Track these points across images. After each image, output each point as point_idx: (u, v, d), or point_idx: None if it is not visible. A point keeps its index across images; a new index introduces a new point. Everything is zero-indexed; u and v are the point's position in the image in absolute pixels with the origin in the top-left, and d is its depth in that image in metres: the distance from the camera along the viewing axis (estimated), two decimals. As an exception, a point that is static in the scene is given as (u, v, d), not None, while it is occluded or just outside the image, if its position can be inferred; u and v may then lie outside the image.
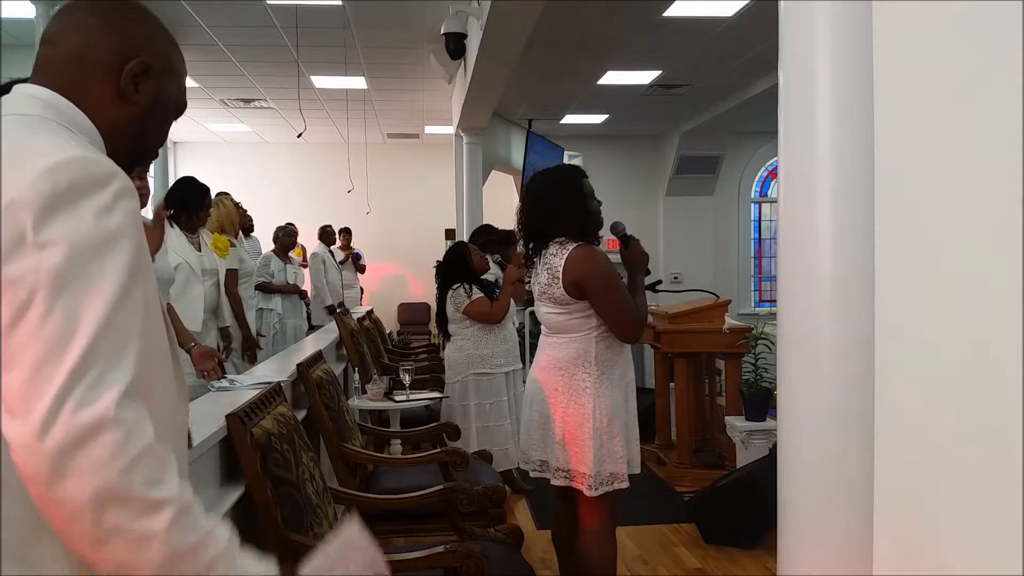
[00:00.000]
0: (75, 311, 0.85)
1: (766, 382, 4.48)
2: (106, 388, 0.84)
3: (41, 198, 0.86)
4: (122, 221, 0.90)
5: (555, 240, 2.55)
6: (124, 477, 0.83)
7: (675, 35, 6.04)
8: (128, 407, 0.85)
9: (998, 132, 0.90)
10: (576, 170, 2.72)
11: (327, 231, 7.89)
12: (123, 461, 0.84)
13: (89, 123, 1.03)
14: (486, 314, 4.29)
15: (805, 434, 1.62)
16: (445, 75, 6.95)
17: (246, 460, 2.02)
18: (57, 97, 1.01)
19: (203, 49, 6.69)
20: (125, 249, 0.89)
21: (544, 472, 2.59)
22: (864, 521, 1.30)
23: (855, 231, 1.52)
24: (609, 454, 2.49)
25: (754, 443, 4.43)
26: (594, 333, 2.51)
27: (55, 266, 0.85)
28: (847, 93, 1.54)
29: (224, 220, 4.67)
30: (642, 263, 2.66)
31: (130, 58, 1.05)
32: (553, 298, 2.53)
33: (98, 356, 0.85)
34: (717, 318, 5.10)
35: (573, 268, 2.47)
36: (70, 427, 0.82)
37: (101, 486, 0.82)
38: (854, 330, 1.52)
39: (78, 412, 0.83)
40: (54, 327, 0.84)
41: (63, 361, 0.83)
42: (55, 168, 0.88)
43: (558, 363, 2.54)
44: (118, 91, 1.05)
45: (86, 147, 0.97)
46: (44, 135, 0.95)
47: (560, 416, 2.52)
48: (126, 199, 0.92)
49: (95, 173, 0.90)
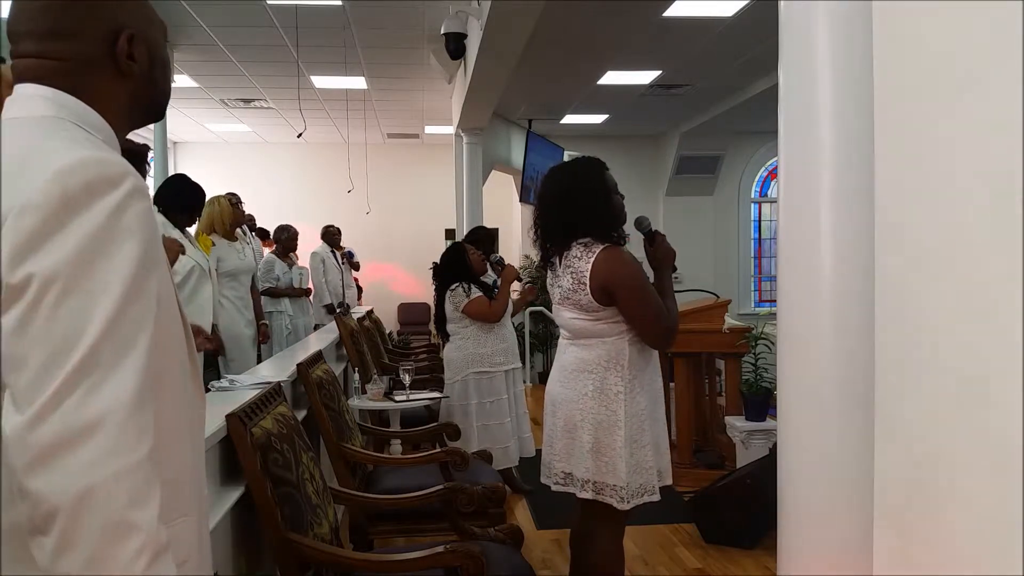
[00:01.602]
0: (83, 312, 0.85)
1: (766, 382, 4.48)
2: (109, 391, 0.85)
3: (52, 200, 0.86)
4: (133, 220, 0.90)
5: (578, 241, 2.38)
6: (111, 484, 0.83)
7: (675, 35, 6.04)
8: (130, 412, 0.85)
9: (998, 132, 0.90)
10: (597, 162, 2.50)
11: (331, 231, 7.88)
12: (115, 466, 0.83)
13: (100, 120, 1.03)
14: (485, 313, 4.29)
15: (805, 434, 1.62)
16: (445, 75, 6.95)
17: (246, 460, 2.02)
18: (66, 96, 1.01)
19: (203, 49, 6.69)
20: (135, 247, 0.90)
21: (569, 486, 2.41)
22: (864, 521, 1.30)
23: (855, 231, 1.52)
24: (640, 464, 2.35)
25: (754, 443, 4.43)
26: (627, 336, 2.36)
27: (64, 267, 0.85)
28: (847, 93, 1.54)
29: (216, 220, 4.60)
30: (669, 260, 2.51)
31: (116, 36, 1.04)
32: (579, 304, 2.36)
33: (102, 358, 0.85)
34: (717, 318, 5.10)
35: (601, 273, 2.30)
36: (66, 423, 0.82)
37: (88, 486, 0.82)
38: (854, 330, 1.52)
39: (77, 410, 0.83)
40: (61, 328, 0.84)
41: (69, 359, 0.84)
42: (67, 170, 0.88)
43: (587, 366, 2.37)
44: (118, 72, 1.05)
45: (100, 146, 0.97)
46: (59, 137, 0.95)
47: (591, 423, 2.35)
48: (138, 198, 0.92)
49: (107, 174, 0.91)
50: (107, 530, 0.83)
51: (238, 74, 7.56)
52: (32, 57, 1.02)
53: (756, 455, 4.29)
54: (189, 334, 1.10)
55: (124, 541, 0.83)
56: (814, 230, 1.58)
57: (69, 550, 0.82)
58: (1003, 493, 0.90)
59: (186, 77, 7.46)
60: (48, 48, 1.02)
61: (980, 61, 0.95)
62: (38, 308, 0.84)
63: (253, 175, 10.96)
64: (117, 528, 0.83)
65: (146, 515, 0.85)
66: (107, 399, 0.84)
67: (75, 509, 0.82)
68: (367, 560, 2.17)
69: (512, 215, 11.10)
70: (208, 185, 4.03)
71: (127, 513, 0.83)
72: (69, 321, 0.85)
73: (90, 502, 0.82)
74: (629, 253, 2.41)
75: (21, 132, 0.96)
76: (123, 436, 0.84)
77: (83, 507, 0.82)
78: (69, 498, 0.82)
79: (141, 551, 0.84)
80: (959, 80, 0.99)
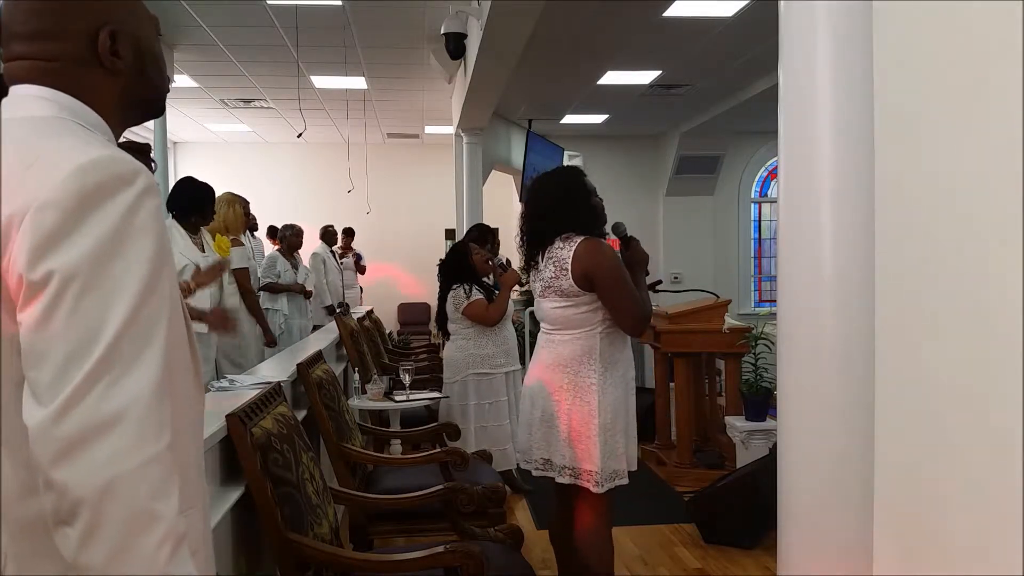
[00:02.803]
0: (102, 308, 0.87)
1: (766, 382, 4.48)
2: (130, 384, 0.87)
3: (70, 198, 0.88)
4: (147, 218, 0.93)
5: (560, 236, 2.58)
6: (135, 475, 0.85)
7: (675, 35, 6.04)
8: (151, 404, 0.88)
9: (998, 131, 0.90)
10: (576, 169, 2.77)
11: (329, 231, 7.88)
12: (138, 459, 0.85)
13: (97, 117, 1.04)
14: (482, 316, 4.29)
15: (805, 434, 1.62)
16: (445, 75, 6.94)
17: (246, 460, 2.02)
18: (63, 95, 1.02)
19: (203, 49, 6.69)
20: (149, 245, 0.92)
21: (548, 471, 2.59)
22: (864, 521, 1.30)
23: (855, 231, 1.52)
24: (612, 451, 2.51)
25: (754, 443, 4.43)
26: (599, 329, 2.53)
27: (83, 264, 0.87)
28: (847, 93, 1.54)
29: (230, 223, 4.73)
30: (643, 263, 2.70)
31: (96, 35, 1.04)
32: (560, 291, 2.54)
33: (122, 352, 0.87)
34: (717, 318, 5.10)
35: (583, 259, 2.49)
36: (90, 416, 0.84)
37: (112, 477, 0.84)
38: (854, 330, 1.52)
39: (100, 404, 0.85)
40: (82, 324, 0.87)
41: (91, 354, 0.86)
42: (84, 169, 0.90)
43: (563, 360, 2.55)
44: (106, 69, 1.06)
45: (106, 145, 0.99)
46: (71, 136, 0.97)
47: (566, 413, 2.52)
48: (150, 196, 0.94)
49: (121, 172, 0.93)
50: (131, 520, 0.85)
51: (238, 74, 7.56)
52: (23, 59, 1.04)
53: (756, 455, 4.29)
54: (192, 331, 1.12)
55: (147, 531, 0.85)
56: (814, 230, 1.58)
57: (93, 540, 0.84)
58: (1003, 493, 0.90)
59: (186, 77, 7.46)
60: (36, 49, 1.03)
61: (980, 60, 0.95)
62: (59, 304, 0.86)
63: (253, 175, 10.95)
64: (140, 518, 0.85)
65: (168, 506, 0.87)
66: (128, 393, 0.86)
67: (99, 500, 0.84)
68: (367, 560, 2.17)
69: (512, 215, 11.08)
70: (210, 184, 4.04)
71: (150, 504, 0.86)
72: (89, 317, 0.87)
73: (114, 493, 0.84)
74: (608, 245, 2.59)
75: (26, 131, 0.96)
76: (145, 429, 0.86)
77: (107, 498, 0.84)
78: (94, 489, 0.84)
79: (164, 541, 0.86)
80: (959, 80, 0.99)
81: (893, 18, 1.13)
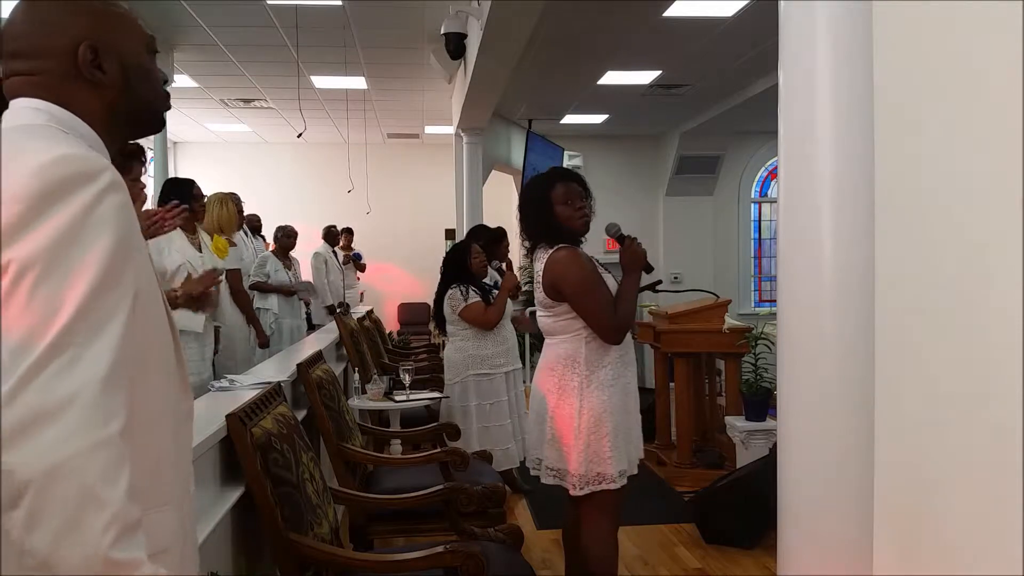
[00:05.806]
0: (56, 297, 0.89)
1: (766, 382, 4.48)
2: (81, 370, 0.88)
3: (32, 192, 0.91)
4: (108, 213, 0.95)
5: (540, 245, 2.64)
6: (81, 458, 0.86)
7: (675, 35, 6.04)
8: (101, 391, 0.88)
9: (998, 131, 0.90)
10: (547, 177, 2.70)
11: (332, 231, 7.87)
12: (85, 442, 0.86)
13: (87, 127, 1.08)
14: (479, 320, 4.28)
15: (805, 434, 1.62)
16: (445, 75, 6.94)
17: (246, 460, 2.02)
18: (55, 107, 1.07)
19: (203, 49, 6.69)
20: (109, 238, 0.94)
21: (540, 471, 2.63)
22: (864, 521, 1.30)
23: (855, 231, 1.52)
24: (596, 455, 2.49)
25: (754, 443, 4.43)
26: (584, 334, 2.55)
27: (41, 254, 0.90)
28: (847, 93, 1.54)
29: (224, 221, 4.67)
30: (638, 264, 2.64)
31: (75, 50, 1.08)
32: (540, 302, 2.62)
33: (75, 338, 0.89)
34: (717, 318, 5.10)
35: (550, 271, 2.55)
36: (38, 401, 0.85)
37: (57, 460, 0.85)
38: (854, 330, 1.52)
39: (47, 389, 0.86)
40: (36, 311, 0.89)
41: (42, 339, 0.87)
42: (47, 165, 0.93)
43: (550, 364, 2.61)
44: (91, 84, 1.09)
45: (78, 145, 1.01)
46: (42, 138, 1.00)
47: (551, 415, 2.57)
48: (114, 192, 0.96)
49: (84, 169, 0.95)
50: (75, 503, 0.85)
51: (238, 74, 7.56)
52: (18, 75, 1.08)
53: (756, 455, 4.28)
54: (175, 329, 1.14)
55: (92, 515, 0.85)
56: (814, 230, 1.58)
57: (37, 523, 0.84)
58: (1003, 493, 0.90)
59: (186, 77, 7.45)
60: (28, 65, 1.08)
61: (980, 60, 0.95)
62: (15, 292, 0.89)
63: (253, 175, 10.94)
64: (85, 501, 0.85)
65: (115, 490, 0.87)
66: (78, 378, 0.87)
67: (44, 483, 0.84)
68: (367, 560, 2.17)
69: (512, 215, 11.05)
70: (208, 185, 4.04)
71: (95, 488, 0.86)
72: (43, 305, 0.89)
73: (59, 476, 0.84)
74: (583, 253, 2.61)
75: (12, 138, 1.00)
76: (93, 414, 0.87)
77: (52, 481, 0.84)
78: (39, 472, 0.84)
79: (108, 526, 0.86)
80: (959, 79, 0.99)
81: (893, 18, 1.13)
